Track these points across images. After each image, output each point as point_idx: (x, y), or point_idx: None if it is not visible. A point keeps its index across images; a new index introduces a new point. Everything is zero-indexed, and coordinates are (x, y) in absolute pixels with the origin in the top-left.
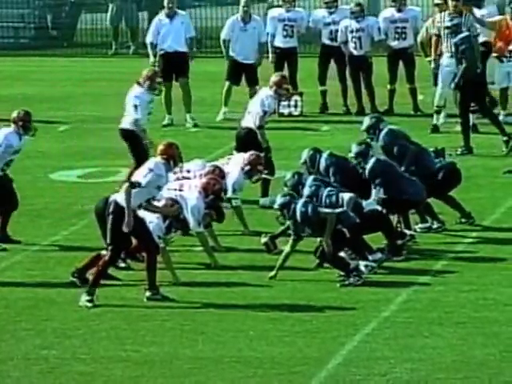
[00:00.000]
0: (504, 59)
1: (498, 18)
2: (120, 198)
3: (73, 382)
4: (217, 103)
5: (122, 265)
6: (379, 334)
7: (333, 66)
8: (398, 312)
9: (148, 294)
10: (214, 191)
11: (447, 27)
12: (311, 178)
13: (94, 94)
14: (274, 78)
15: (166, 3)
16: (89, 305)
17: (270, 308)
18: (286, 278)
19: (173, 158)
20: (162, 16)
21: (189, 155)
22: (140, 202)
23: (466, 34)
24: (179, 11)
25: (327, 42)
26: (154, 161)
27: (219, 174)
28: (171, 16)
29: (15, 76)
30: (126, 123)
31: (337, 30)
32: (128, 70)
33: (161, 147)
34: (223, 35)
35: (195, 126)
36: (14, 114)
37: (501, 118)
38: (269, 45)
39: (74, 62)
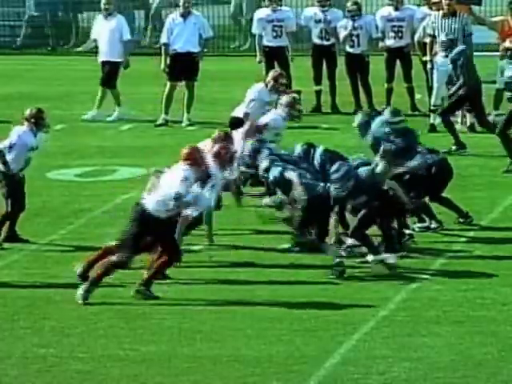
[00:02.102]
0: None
1: (499, 18)
2: (152, 206)
3: (71, 380)
4: (215, 102)
5: None
6: (377, 333)
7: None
8: (396, 311)
9: (140, 287)
10: (227, 159)
11: (443, 42)
12: (321, 149)
13: (91, 92)
14: (272, 73)
15: (181, 2)
16: (80, 301)
17: (268, 307)
18: (285, 277)
19: (197, 162)
20: (175, 15)
21: None
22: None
23: (461, 47)
24: (194, 11)
25: (317, 41)
26: (185, 169)
27: (228, 140)
28: (185, 16)
29: (11, 74)
30: (236, 111)
31: (327, 30)
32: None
33: (186, 152)
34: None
35: (190, 125)
36: (27, 112)
37: (491, 117)
38: (256, 46)
39: (70, 61)
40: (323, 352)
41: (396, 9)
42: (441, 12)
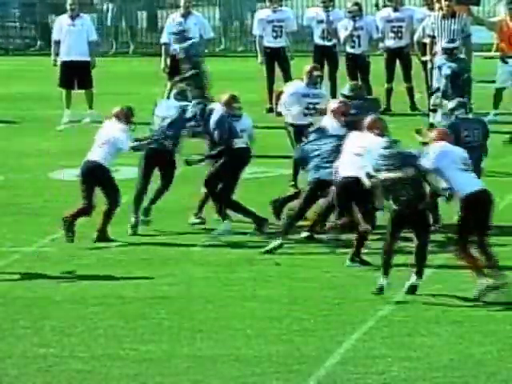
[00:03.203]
0: (508, 59)
1: (497, 18)
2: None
3: (71, 379)
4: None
5: None
6: (377, 333)
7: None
8: (395, 311)
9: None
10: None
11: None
12: None
13: (94, 92)
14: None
15: (182, 3)
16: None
17: (267, 306)
18: (284, 277)
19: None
20: (175, 16)
21: (186, 154)
22: None
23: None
24: (194, 12)
25: (319, 41)
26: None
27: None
28: (186, 16)
29: (14, 75)
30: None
31: (328, 30)
32: (127, 69)
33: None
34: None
35: None
36: (117, 110)
37: (490, 117)
38: (257, 46)
39: None
40: (323, 352)
41: (395, 10)
42: (440, 13)
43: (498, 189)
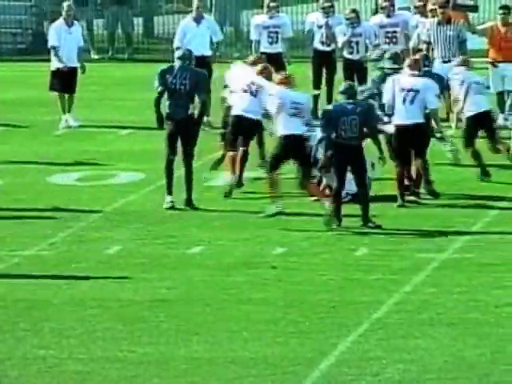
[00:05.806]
0: (498, 64)
1: (488, 24)
2: None
3: (70, 381)
4: (215, 105)
5: None
6: (371, 335)
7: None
8: (389, 313)
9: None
10: None
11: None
12: None
13: (90, 98)
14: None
15: (194, 7)
16: None
17: (263, 309)
18: (280, 280)
19: None
20: (188, 20)
21: None
22: None
23: None
24: (205, 15)
25: (319, 46)
26: None
27: None
28: (198, 20)
29: (13, 80)
30: None
31: (327, 35)
32: (123, 74)
33: None
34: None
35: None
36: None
37: (500, 121)
38: (253, 52)
39: None
40: (318, 354)
41: (388, 16)
42: (436, 19)
43: (494, 193)
